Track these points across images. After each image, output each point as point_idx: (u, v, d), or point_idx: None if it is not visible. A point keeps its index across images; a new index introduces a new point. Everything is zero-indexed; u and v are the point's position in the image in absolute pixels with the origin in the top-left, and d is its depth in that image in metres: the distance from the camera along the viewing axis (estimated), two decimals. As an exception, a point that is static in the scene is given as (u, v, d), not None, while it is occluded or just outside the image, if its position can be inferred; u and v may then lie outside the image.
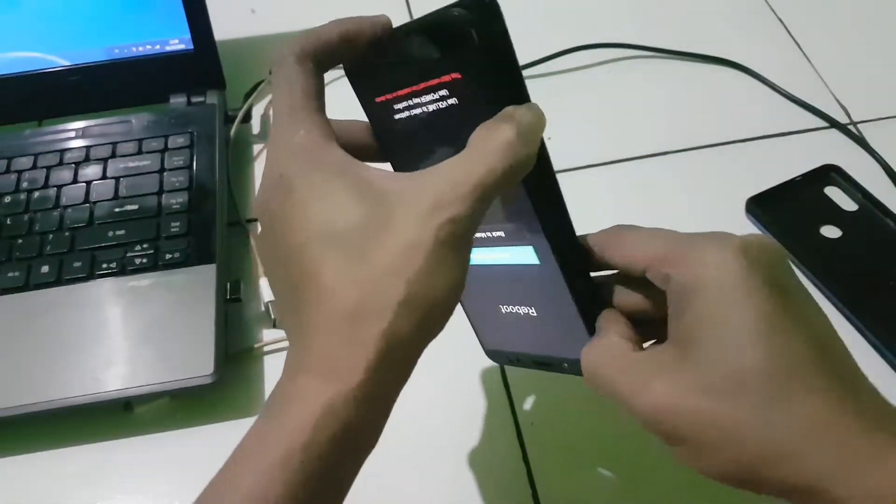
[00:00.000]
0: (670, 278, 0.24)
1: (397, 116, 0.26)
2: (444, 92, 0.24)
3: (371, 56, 0.26)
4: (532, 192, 0.25)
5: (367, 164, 0.24)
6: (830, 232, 0.47)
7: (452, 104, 0.24)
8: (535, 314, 0.28)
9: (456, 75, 0.23)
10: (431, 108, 0.25)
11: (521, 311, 0.29)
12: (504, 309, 0.29)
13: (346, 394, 0.21)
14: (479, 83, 0.23)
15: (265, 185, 0.24)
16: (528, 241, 0.26)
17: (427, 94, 0.24)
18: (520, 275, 0.27)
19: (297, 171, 0.23)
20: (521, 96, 0.24)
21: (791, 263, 0.24)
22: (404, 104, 0.25)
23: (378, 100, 0.26)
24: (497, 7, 0.23)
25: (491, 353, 0.33)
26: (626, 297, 0.27)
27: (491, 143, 0.22)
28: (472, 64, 0.23)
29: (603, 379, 0.25)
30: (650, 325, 0.27)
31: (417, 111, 0.25)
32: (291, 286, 0.23)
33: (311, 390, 0.22)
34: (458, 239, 0.22)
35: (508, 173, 0.22)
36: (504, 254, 0.27)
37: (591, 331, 0.27)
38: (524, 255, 0.27)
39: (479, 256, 0.29)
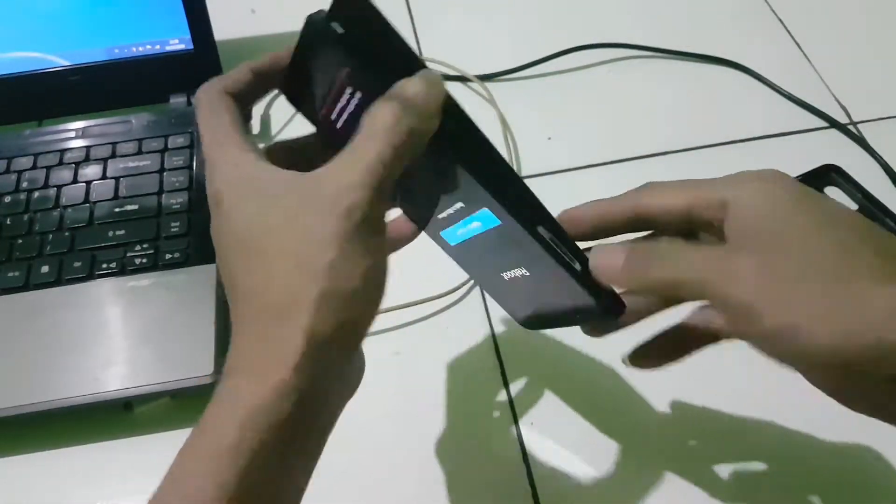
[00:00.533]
0: (728, 203, 0.25)
1: (338, 126, 0.26)
2: (349, 89, 0.25)
3: (294, 80, 0.27)
4: (455, 156, 0.25)
5: (280, 169, 0.24)
6: (830, 232, 0.47)
7: (360, 98, 0.24)
8: (528, 273, 0.28)
9: (346, 69, 0.24)
10: (351, 108, 0.25)
11: (517, 274, 0.29)
12: (506, 276, 0.29)
13: (271, 392, 0.22)
14: (362, 68, 0.24)
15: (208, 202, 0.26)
16: (481, 203, 0.26)
17: (342, 97, 0.25)
18: (496, 239, 0.27)
19: (221, 186, 0.24)
20: (409, 67, 0.24)
21: None
22: (335, 114, 0.26)
23: (321, 115, 0.27)
24: None
25: (523, 323, 0.32)
26: None
27: (374, 127, 0.23)
28: (348, 53, 0.24)
29: (697, 266, 0.24)
30: None
31: (346, 115, 0.26)
32: (226, 290, 0.24)
33: (240, 390, 0.22)
34: (362, 225, 0.22)
35: (398, 150, 0.23)
36: (475, 223, 0.28)
37: (574, 274, 0.26)
38: (487, 218, 0.27)
39: (460, 232, 0.29)
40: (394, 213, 0.31)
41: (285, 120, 0.57)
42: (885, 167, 0.51)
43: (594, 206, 0.29)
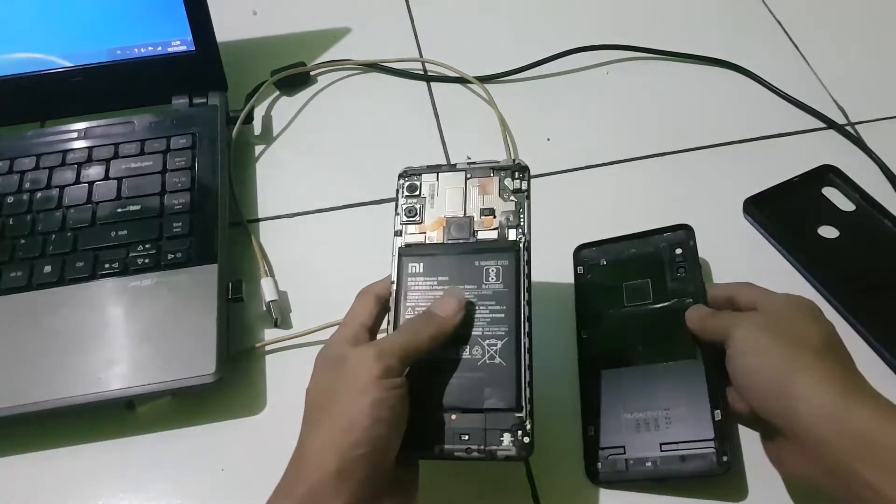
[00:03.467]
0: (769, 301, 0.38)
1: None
2: None
3: None
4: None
5: (355, 349, 0.34)
6: (828, 232, 0.48)
7: None
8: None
9: None
10: None
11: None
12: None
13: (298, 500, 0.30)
14: None
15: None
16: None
17: None
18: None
19: (317, 360, 0.35)
20: None
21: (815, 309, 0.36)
22: None
23: None
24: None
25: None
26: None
27: (404, 325, 0.36)
28: None
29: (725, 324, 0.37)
30: None
31: None
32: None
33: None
34: (374, 404, 0.31)
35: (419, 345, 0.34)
36: None
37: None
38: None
39: None
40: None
41: (286, 121, 0.57)
42: (883, 168, 0.52)
43: (723, 287, 0.42)
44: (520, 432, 0.33)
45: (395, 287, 0.37)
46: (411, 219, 0.38)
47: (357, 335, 0.35)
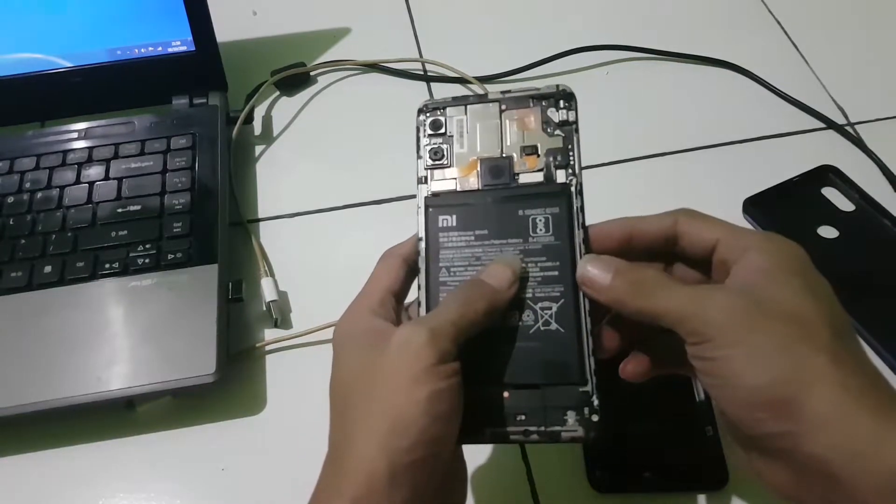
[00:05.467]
0: (748, 251, 0.28)
1: None
2: None
3: None
4: None
5: (384, 326, 0.29)
6: (827, 232, 0.48)
7: None
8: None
9: None
10: None
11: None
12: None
13: None
14: None
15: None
16: None
17: None
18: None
19: (336, 338, 0.30)
20: None
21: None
22: None
23: None
24: None
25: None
26: None
27: (452, 297, 0.29)
28: None
29: (683, 302, 0.27)
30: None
31: None
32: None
33: None
34: (427, 394, 0.26)
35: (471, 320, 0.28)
36: None
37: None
38: None
39: None
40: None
41: (286, 121, 0.57)
42: (883, 168, 0.52)
43: (624, 221, 0.32)
44: (586, 409, 0.28)
45: (423, 245, 0.32)
46: (437, 162, 0.33)
47: (384, 302, 0.30)
